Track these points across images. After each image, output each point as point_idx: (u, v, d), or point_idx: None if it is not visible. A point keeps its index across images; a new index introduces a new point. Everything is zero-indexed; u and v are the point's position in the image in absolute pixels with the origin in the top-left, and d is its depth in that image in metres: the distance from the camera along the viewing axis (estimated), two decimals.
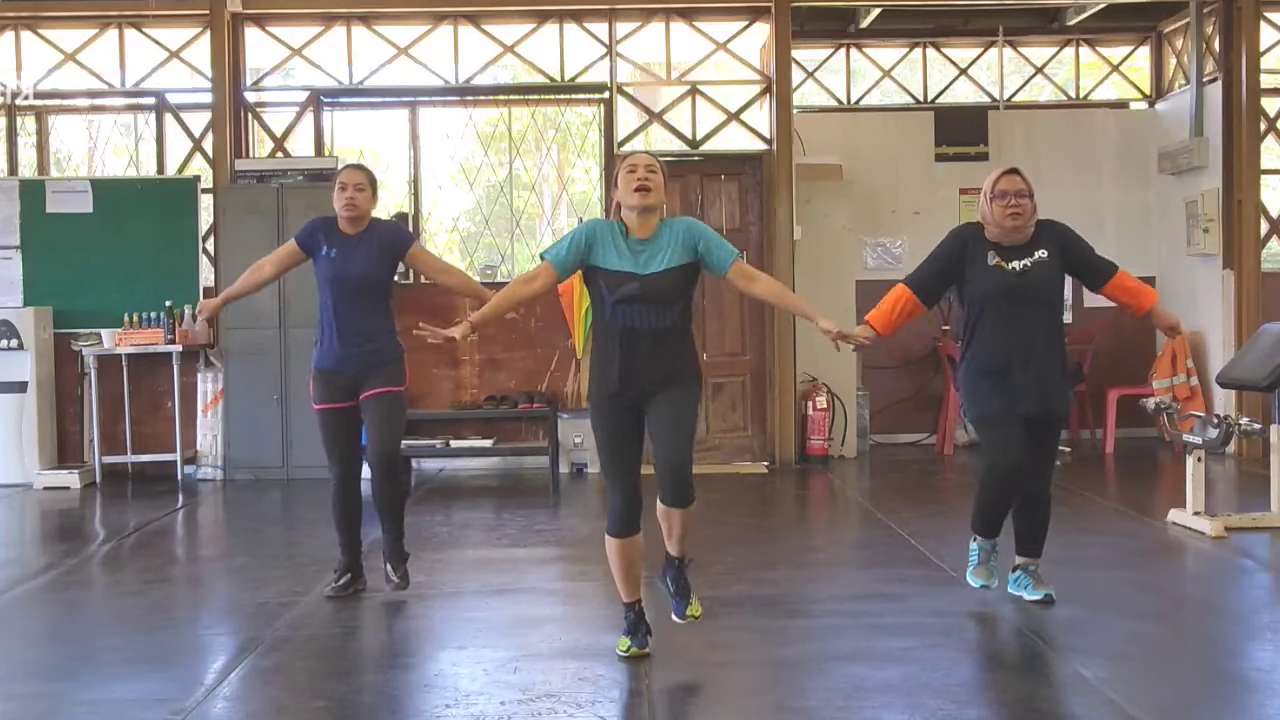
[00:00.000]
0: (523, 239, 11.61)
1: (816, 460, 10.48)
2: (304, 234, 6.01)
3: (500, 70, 11.49)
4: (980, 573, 5.75)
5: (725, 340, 10.57)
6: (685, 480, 4.79)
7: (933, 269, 5.68)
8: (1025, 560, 5.74)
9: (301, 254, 6.02)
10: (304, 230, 6.03)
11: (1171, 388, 10.49)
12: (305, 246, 5.99)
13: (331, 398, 5.94)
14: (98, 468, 10.10)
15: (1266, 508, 7.44)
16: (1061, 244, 5.61)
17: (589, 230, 4.87)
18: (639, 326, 4.77)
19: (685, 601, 5.01)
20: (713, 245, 4.86)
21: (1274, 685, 4.67)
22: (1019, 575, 5.74)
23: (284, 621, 5.60)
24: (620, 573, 4.94)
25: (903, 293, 5.65)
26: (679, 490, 4.78)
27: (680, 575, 5.01)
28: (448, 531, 7.92)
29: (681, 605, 5.00)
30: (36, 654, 5.34)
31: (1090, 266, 5.72)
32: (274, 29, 10.81)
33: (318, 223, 6.04)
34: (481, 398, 10.58)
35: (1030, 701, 4.50)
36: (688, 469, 4.80)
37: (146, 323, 10.20)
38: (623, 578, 4.95)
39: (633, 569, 4.94)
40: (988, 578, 5.73)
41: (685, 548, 4.97)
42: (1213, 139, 10.79)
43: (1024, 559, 5.74)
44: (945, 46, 12.07)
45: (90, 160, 11.85)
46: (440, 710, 4.38)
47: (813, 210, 10.76)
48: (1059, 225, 5.69)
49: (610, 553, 4.92)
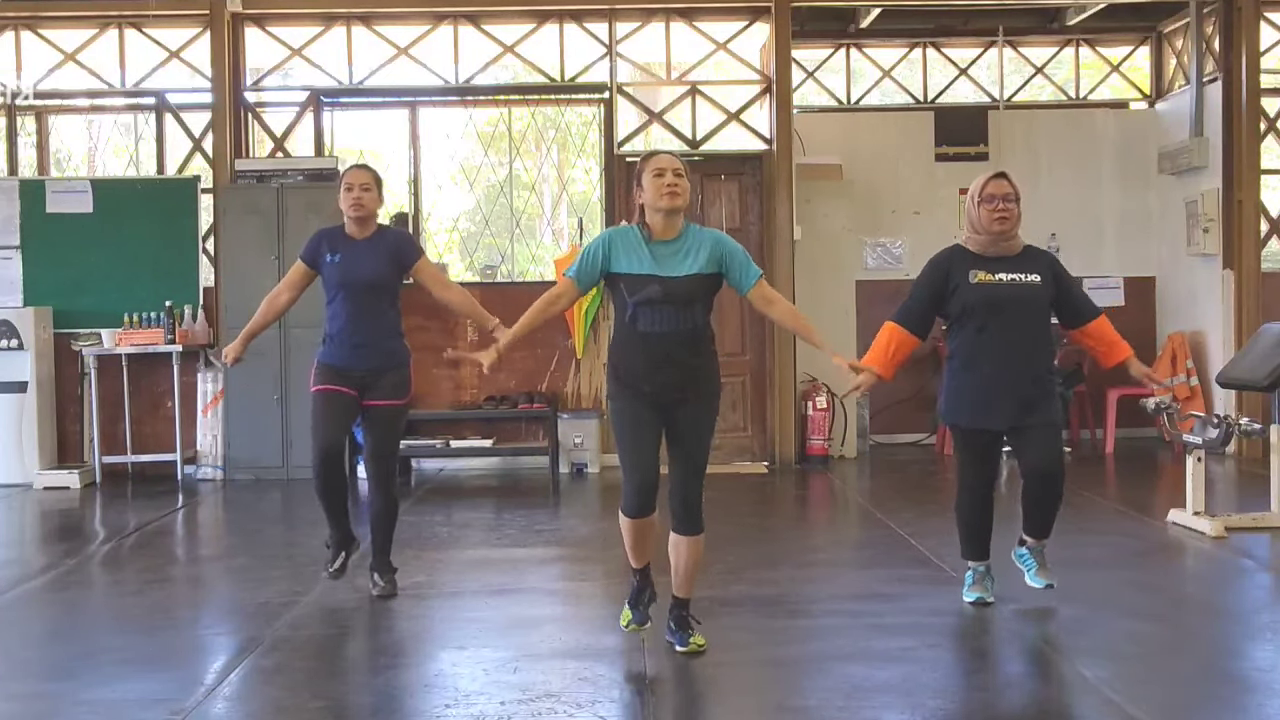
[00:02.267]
0: (523, 239, 11.61)
1: (816, 460, 10.48)
2: (307, 250, 6.02)
3: (500, 70, 11.50)
4: (976, 589, 5.70)
5: (725, 340, 10.52)
6: (694, 510, 4.90)
7: (918, 301, 5.61)
8: (1033, 541, 5.69)
9: (309, 271, 6.02)
10: (307, 246, 6.04)
11: (1171, 388, 10.49)
12: (309, 261, 6.00)
13: (335, 382, 5.90)
14: (98, 468, 10.10)
15: (1266, 508, 7.44)
16: (1052, 273, 5.52)
17: (606, 240, 4.88)
18: (659, 330, 4.79)
19: (688, 635, 5.02)
20: (739, 263, 4.89)
21: (1274, 685, 4.67)
22: (1024, 553, 5.70)
23: (284, 621, 5.60)
24: (631, 543, 5.00)
25: (893, 330, 5.60)
26: (688, 520, 4.90)
27: (683, 618, 5.03)
28: (448, 531, 7.92)
29: (685, 638, 5.01)
30: (36, 654, 5.34)
31: (1074, 304, 5.62)
32: (274, 29, 10.82)
33: (320, 234, 6.05)
34: (481, 398, 10.59)
35: (1030, 701, 4.50)
36: (697, 500, 4.91)
37: (146, 323, 10.20)
38: (633, 546, 5.01)
39: (644, 541, 5.00)
40: (984, 593, 5.69)
41: (691, 589, 5.02)
42: (1213, 139, 10.79)
43: (1031, 540, 5.69)
44: (945, 46, 12.07)
45: (90, 160, 11.86)
46: (440, 710, 4.38)
47: (813, 210, 10.77)
48: (1048, 253, 5.64)
49: (624, 528, 4.98)
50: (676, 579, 5.01)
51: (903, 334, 5.59)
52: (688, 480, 4.90)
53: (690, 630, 5.02)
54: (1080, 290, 5.69)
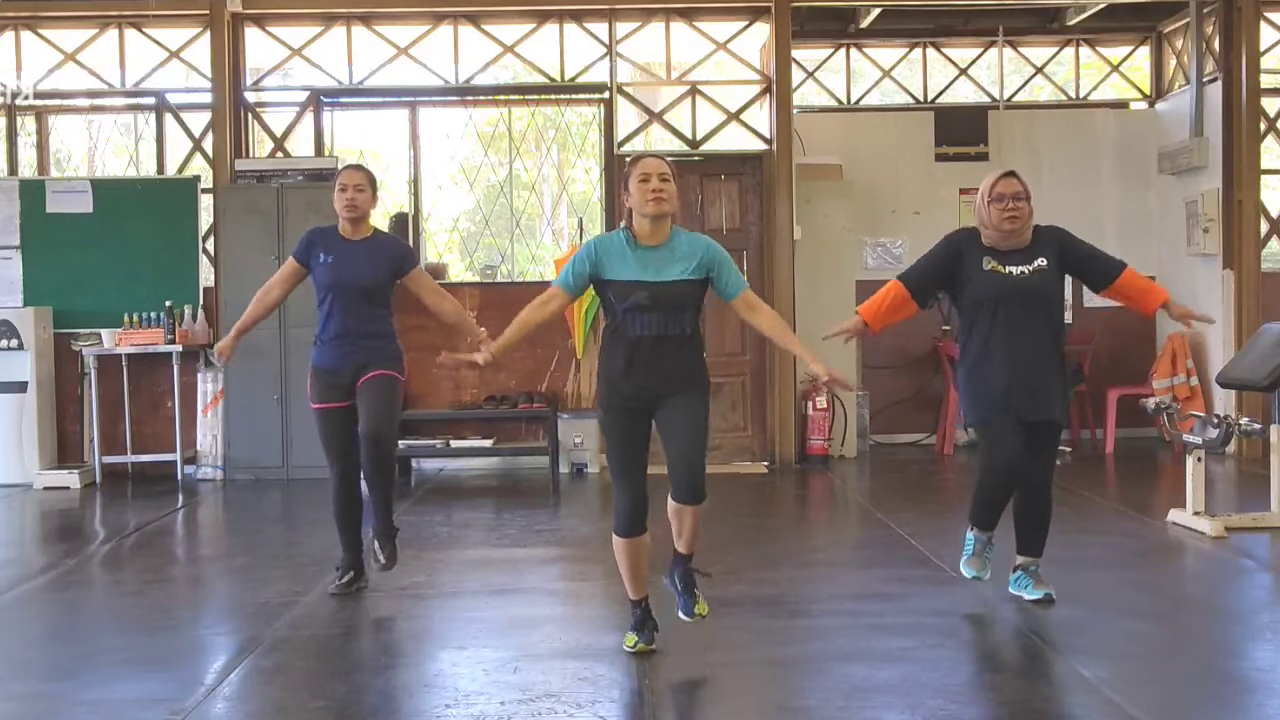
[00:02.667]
0: (523, 239, 11.61)
1: (816, 460, 10.48)
2: (300, 248, 6.05)
3: (500, 70, 11.50)
4: (974, 563, 5.73)
5: (725, 340, 10.56)
6: (698, 477, 4.83)
7: (927, 268, 5.67)
8: (1026, 560, 5.73)
9: (302, 269, 6.05)
10: (300, 245, 6.07)
11: (1171, 388, 10.49)
12: (301, 260, 6.03)
13: (330, 397, 5.96)
14: (98, 468, 10.10)
15: (1266, 508, 7.43)
16: (1059, 247, 5.55)
17: (592, 249, 4.87)
18: (648, 334, 4.79)
19: (693, 600, 5.02)
20: (726, 272, 4.89)
21: (1274, 685, 4.67)
22: (1019, 575, 5.74)
23: (284, 621, 5.60)
24: (627, 571, 4.97)
25: (895, 287, 5.65)
26: (692, 488, 4.81)
27: (688, 573, 5.03)
28: (448, 531, 7.92)
29: (689, 603, 5.03)
30: (36, 654, 5.34)
31: (1092, 264, 5.64)
32: (274, 29, 10.81)
33: (314, 233, 6.07)
34: (481, 398, 10.58)
35: (1030, 701, 4.50)
36: (701, 466, 4.84)
37: (146, 323, 10.20)
38: (629, 575, 4.98)
39: (640, 567, 4.97)
40: (980, 569, 5.72)
41: (694, 545, 5.00)
42: (1213, 139, 10.79)
43: (1024, 559, 5.73)
44: (945, 46, 12.07)
45: (90, 160, 11.86)
46: (440, 710, 4.38)
47: (813, 210, 10.76)
48: (1055, 229, 5.65)
49: (617, 551, 4.96)
50: (679, 540, 4.97)
51: (903, 293, 5.63)
52: (689, 452, 4.78)
53: (695, 593, 5.02)
54: (1097, 252, 5.67)
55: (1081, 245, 5.66)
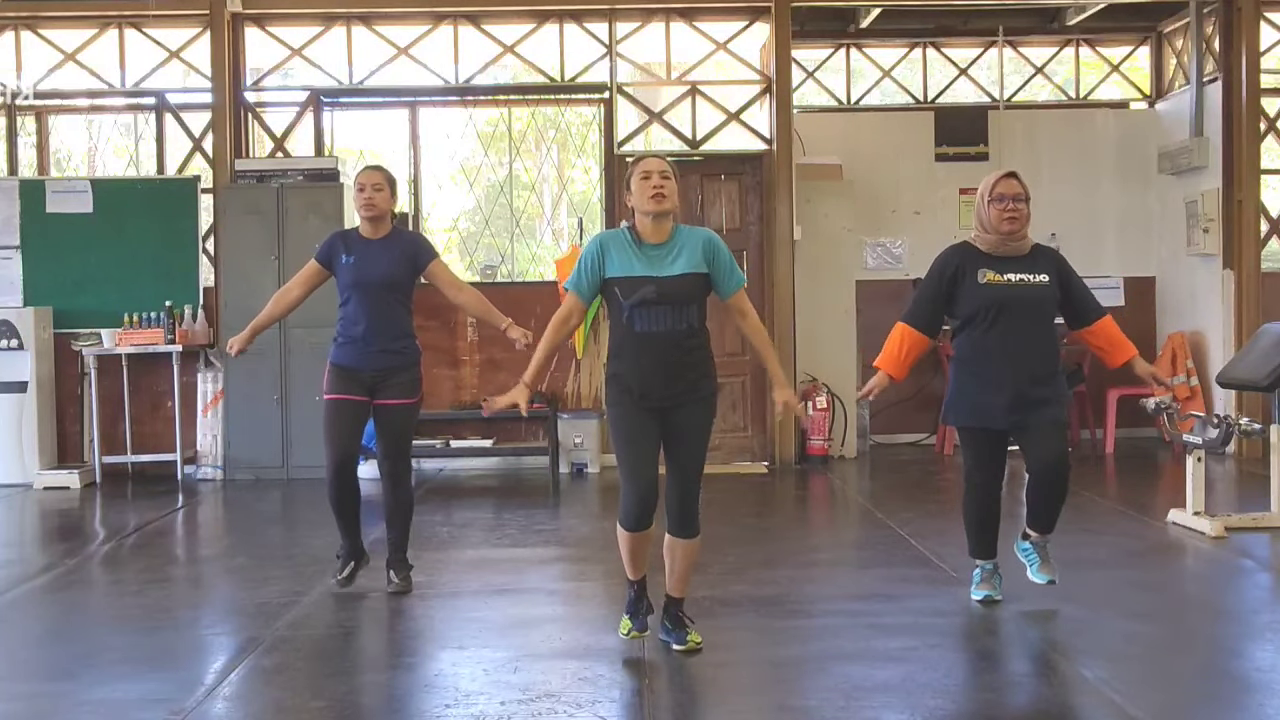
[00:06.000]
0: (523, 239, 11.61)
1: (816, 460, 10.48)
2: (322, 251, 6.08)
3: (500, 70, 11.50)
4: (984, 587, 5.71)
5: (725, 340, 10.55)
6: (690, 513, 4.93)
7: (925, 299, 5.61)
8: (1037, 536, 5.67)
9: (323, 271, 6.08)
10: (322, 247, 6.10)
11: (1173, 387, 10.49)
12: (324, 262, 6.06)
13: (345, 389, 5.95)
14: (98, 468, 10.10)
15: (1266, 508, 7.44)
16: (1056, 270, 5.52)
17: (598, 246, 4.89)
18: (656, 330, 4.79)
19: (685, 631, 5.03)
20: (725, 267, 4.90)
21: (1274, 685, 4.67)
22: (1028, 547, 5.69)
23: (284, 621, 5.60)
24: (628, 556, 5.01)
25: (903, 331, 5.61)
26: (684, 523, 4.92)
27: (678, 617, 5.05)
28: (448, 531, 7.92)
29: (682, 635, 5.02)
30: (36, 654, 5.34)
31: (1081, 300, 5.60)
32: (274, 29, 10.82)
33: (335, 236, 6.13)
34: (481, 398, 10.56)
35: (1030, 701, 4.50)
36: (694, 503, 4.93)
37: (146, 323, 10.20)
38: (630, 560, 5.02)
39: (641, 553, 5.01)
40: (992, 589, 5.69)
41: (686, 589, 5.05)
42: (1213, 139, 10.79)
43: (1035, 534, 5.67)
44: (945, 46, 12.07)
45: (90, 160, 11.86)
46: (440, 710, 4.38)
47: (813, 210, 10.76)
48: (1054, 251, 5.65)
49: (621, 541, 4.99)
50: (671, 579, 5.03)
51: (914, 335, 5.61)
52: (685, 484, 4.91)
53: (686, 628, 5.02)
54: (1086, 290, 5.66)
55: (1076, 278, 5.63)
